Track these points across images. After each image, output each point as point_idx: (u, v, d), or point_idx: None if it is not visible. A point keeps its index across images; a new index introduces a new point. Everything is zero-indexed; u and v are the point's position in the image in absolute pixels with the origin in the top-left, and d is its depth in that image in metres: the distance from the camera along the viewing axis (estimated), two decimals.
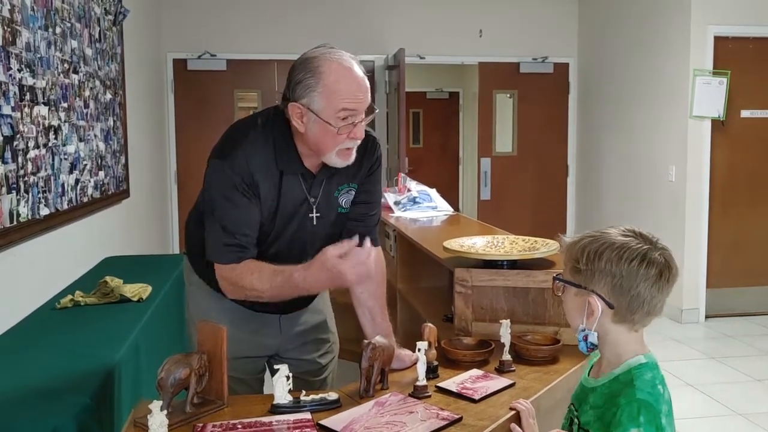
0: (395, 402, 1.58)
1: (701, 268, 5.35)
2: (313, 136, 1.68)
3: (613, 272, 1.30)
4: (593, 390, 1.38)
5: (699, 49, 5.19)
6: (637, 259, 1.30)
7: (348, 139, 1.68)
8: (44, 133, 2.74)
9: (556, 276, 1.43)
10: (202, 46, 6.21)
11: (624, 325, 1.34)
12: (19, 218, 2.46)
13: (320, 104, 1.64)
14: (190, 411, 1.52)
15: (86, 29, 3.38)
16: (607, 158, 6.50)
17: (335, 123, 1.64)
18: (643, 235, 1.36)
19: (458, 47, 6.74)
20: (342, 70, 1.64)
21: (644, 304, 1.32)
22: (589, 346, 1.37)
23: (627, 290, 1.30)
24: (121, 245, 4.23)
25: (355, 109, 1.65)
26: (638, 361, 1.34)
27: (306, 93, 1.64)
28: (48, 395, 1.73)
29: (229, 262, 1.71)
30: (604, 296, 1.32)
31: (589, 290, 1.33)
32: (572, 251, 1.37)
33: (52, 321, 2.50)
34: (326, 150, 1.69)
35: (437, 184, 6.29)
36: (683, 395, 3.90)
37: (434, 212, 3.73)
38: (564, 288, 1.40)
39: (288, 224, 1.78)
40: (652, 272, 1.30)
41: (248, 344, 1.92)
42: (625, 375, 1.33)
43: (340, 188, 1.83)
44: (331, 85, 1.62)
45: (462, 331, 2.10)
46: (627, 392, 1.29)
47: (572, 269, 1.37)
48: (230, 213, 1.70)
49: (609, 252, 1.31)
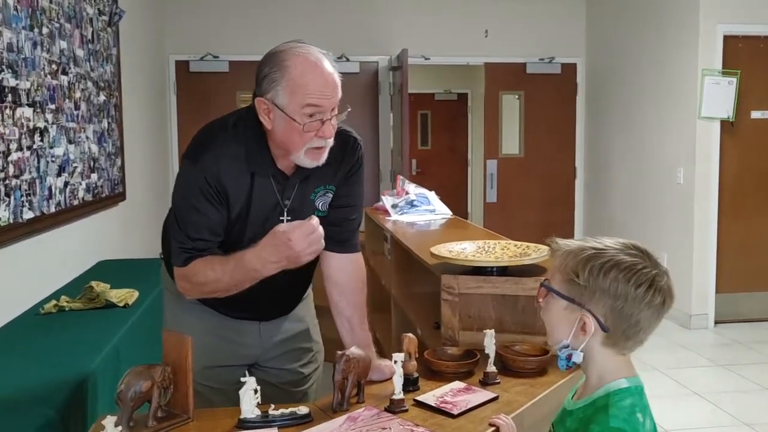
0: (368, 417, 1.50)
1: (710, 273, 5.23)
2: (279, 133, 1.61)
3: (617, 294, 1.18)
4: (570, 413, 1.28)
5: (708, 49, 5.07)
6: (645, 284, 1.18)
7: (316, 138, 1.60)
8: (28, 135, 2.69)
9: (544, 284, 1.31)
10: (204, 48, 6.17)
11: (613, 349, 1.23)
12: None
13: (285, 99, 1.57)
14: (152, 425, 1.45)
15: (77, 30, 3.33)
16: (615, 160, 6.39)
17: (300, 119, 1.57)
18: (648, 254, 1.23)
19: (463, 48, 6.65)
20: (308, 64, 1.57)
21: (641, 332, 1.21)
22: (570, 365, 1.26)
23: (628, 316, 1.19)
24: (118, 249, 4.18)
25: (321, 105, 1.57)
26: (619, 385, 1.23)
27: (271, 87, 1.57)
28: (10, 407, 1.67)
29: (183, 263, 1.66)
30: (600, 318, 1.20)
31: (585, 308, 1.21)
32: (571, 262, 1.24)
33: (33, 327, 2.44)
34: (293, 148, 1.61)
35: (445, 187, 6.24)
36: (689, 404, 3.80)
37: (432, 216, 3.65)
38: (550, 297, 1.29)
39: (261, 229, 1.70)
40: (657, 300, 1.19)
41: (226, 352, 1.86)
42: (602, 399, 1.22)
43: (317, 190, 1.76)
44: (296, 79, 1.55)
45: (449, 341, 2.02)
46: (600, 419, 1.18)
47: (568, 281, 1.24)
48: (192, 217, 1.64)
49: (616, 272, 1.19)
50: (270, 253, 1.57)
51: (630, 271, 1.19)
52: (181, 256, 1.66)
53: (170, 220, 1.71)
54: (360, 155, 1.83)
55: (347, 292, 1.83)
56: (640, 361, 4.46)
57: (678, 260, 5.31)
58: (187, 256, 1.65)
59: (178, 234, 1.67)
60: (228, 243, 1.70)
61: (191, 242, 1.65)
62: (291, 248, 1.55)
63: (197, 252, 1.65)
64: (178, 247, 1.66)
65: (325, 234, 1.79)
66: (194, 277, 1.66)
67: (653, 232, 5.69)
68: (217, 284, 1.65)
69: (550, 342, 1.33)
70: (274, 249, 1.56)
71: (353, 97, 6.47)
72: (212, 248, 1.67)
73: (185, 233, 1.65)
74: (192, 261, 1.65)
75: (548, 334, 1.32)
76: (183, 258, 1.66)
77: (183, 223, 1.66)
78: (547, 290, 1.29)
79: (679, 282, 5.35)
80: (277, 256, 1.57)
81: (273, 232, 1.57)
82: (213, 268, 1.63)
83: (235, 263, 1.61)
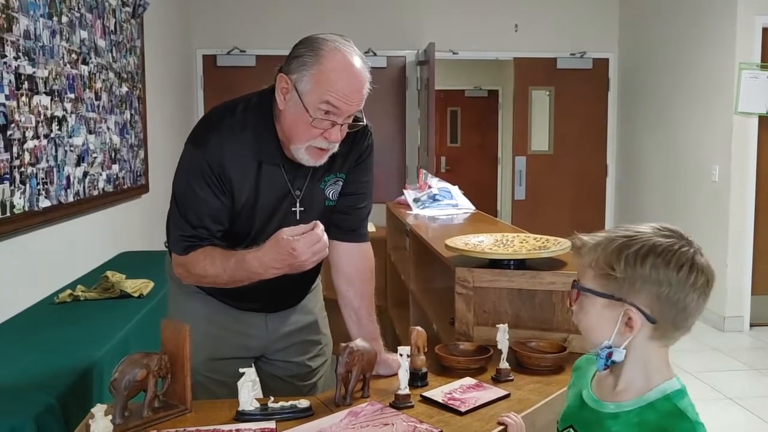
0: (371, 412, 1.43)
1: (746, 274, 5.04)
2: (288, 117, 1.55)
3: (660, 280, 1.08)
4: (615, 417, 1.15)
5: (746, 41, 4.88)
6: (686, 265, 1.09)
7: (321, 138, 1.53)
8: (46, 123, 2.68)
9: (577, 284, 1.18)
10: (231, 42, 6.17)
11: (660, 341, 1.13)
12: (14, 210, 2.40)
13: (307, 86, 1.50)
14: (147, 415, 1.41)
15: (99, 20, 3.33)
16: (648, 157, 6.21)
17: (314, 112, 1.50)
18: (681, 234, 1.14)
19: (492, 42, 6.54)
20: (344, 63, 1.50)
21: (689, 319, 1.11)
22: (608, 364, 1.15)
23: (675, 302, 1.09)
24: (140, 240, 4.19)
25: (339, 108, 1.51)
26: (673, 386, 1.13)
27: (298, 69, 1.51)
28: (12, 393, 1.65)
29: (183, 252, 1.60)
30: (646, 309, 1.10)
31: (627, 302, 1.10)
32: (603, 255, 1.13)
33: (47, 316, 2.44)
34: (296, 139, 1.55)
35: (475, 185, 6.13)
36: (722, 409, 3.65)
37: (454, 210, 3.56)
38: (583, 298, 1.17)
39: (269, 219, 1.65)
40: (701, 281, 1.10)
41: (232, 344, 1.80)
42: (663, 402, 1.11)
43: (327, 179, 1.70)
44: (326, 72, 1.49)
45: (463, 336, 1.94)
46: (683, 427, 1.08)
47: (602, 276, 1.13)
48: (193, 203, 1.59)
49: (653, 257, 1.09)
50: (272, 260, 1.52)
51: (668, 253, 1.09)
52: (181, 244, 1.61)
53: (171, 207, 1.66)
54: (370, 142, 1.76)
55: (355, 282, 1.77)
56: (673, 364, 4.31)
57: (712, 260, 5.08)
58: (187, 245, 1.60)
59: (178, 221, 1.61)
60: (235, 233, 1.65)
61: (192, 230, 1.59)
62: (295, 258, 1.49)
63: (198, 241, 1.60)
64: (179, 235, 1.61)
65: (333, 222, 1.74)
66: (193, 268, 1.61)
67: (686, 230, 5.43)
68: (216, 279, 1.61)
69: (589, 347, 1.21)
70: (276, 256, 1.51)
71: (380, 93, 6.38)
72: (214, 238, 1.61)
73: (186, 220, 1.60)
74: (192, 251, 1.60)
75: (586, 338, 1.19)
76: (183, 246, 1.61)
77: (183, 209, 1.60)
78: (579, 291, 1.17)
79: (714, 283, 5.18)
80: (279, 263, 1.52)
81: (277, 238, 1.50)
82: (213, 263, 1.58)
83: (237, 262, 1.56)
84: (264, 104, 1.62)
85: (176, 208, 1.62)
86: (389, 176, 6.31)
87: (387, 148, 6.38)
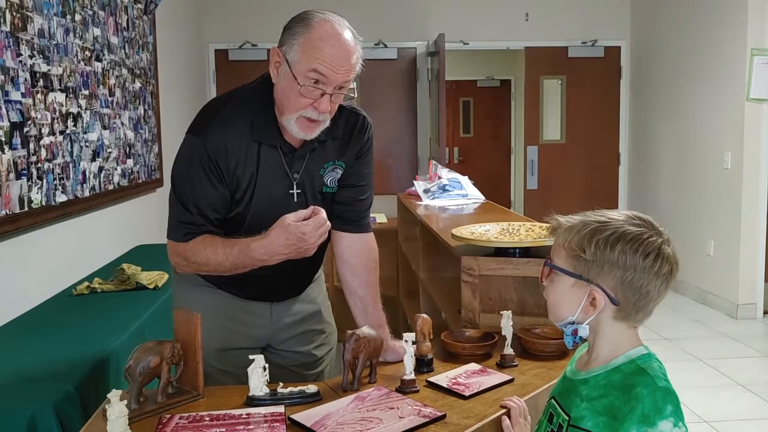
0: (377, 397, 1.48)
1: (759, 260, 5.03)
2: (280, 89, 1.60)
3: (626, 266, 1.16)
4: (585, 381, 1.24)
5: (757, 27, 4.86)
6: (653, 254, 1.16)
7: (311, 108, 1.57)
8: (61, 119, 2.74)
9: (549, 262, 1.27)
10: (242, 37, 6.22)
11: (624, 322, 1.21)
12: (32, 204, 2.47)
13: (296, 56, 1.55)
14: (161, 401, 1.46)
15: (111, 17, 3.38)
16: (660, 146, 6.20)
17: (302, 80, 1.54)
18: (651, 223, 1.21)
19: (503, 32, 6.54)
20: (331, 32, 1.55)
21: (650, 303, 1.19)
22: (576, 341, 1.24)
23: (638, 287, 1.17)
24: (156, 234, 4.26)
25: (327, 76, 1.54)
26: (639, 352, 1.21)
27: (288, 39, 1.56)
28: (32, 382, 1.70)
29: (181, 240, 1.64)
30: (610, 291, 1.18)
31: (593, 283, 1.19)
32: (576, 237, 1.22)
33: (64, 307, 2.50)
34: (287, 109, 1.59)
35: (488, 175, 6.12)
36: (733, 396, 3.67)
37: (464, 200, 3.59)
38: (554, 275, 1.26)
39: (267, 202, 1.67)
40: (665, 269, 1.17)
41: (238, 335, 1.83)
42: (627, 365, 1.19)
43: (326, 165, 1.73)
44: (313, 41, 1.53)
45: (469, 323, 1.98)
46: (644, 381, 1.14)
47: (573, 257, 1.21)
48: (192, 191, 1.62)
49: (622, 243, 1.17)
50: (281, 246, 1.56)
51: (636, 241, 1.16)
52: (180, 230, 1.64)
53: (170, 195, 1.69)
54: (370, 136, 1.79)
55: (360, 271, 1.80)
56: (684, 351, 4.34)
57: (725, 247, 5.13)
58: (186, 231, 1.63)
59: (177, 208, 1.64)
60: (232, 219, 1.68)
61: (190, 216, 1.62)
62: (305, 241, 1.54)
63: (197, 228, 1.63)
64: (177, 222, 1.64)
65: (336, 213, 1.78)
66: (193, 257, 1.64)
67: (699, 218, 5.50)
68: (218, 267, 1.64)
69: (553, 320, 1.29)
70: (285, 242, 1.54)
71: (391, 84, 6.44)
72: (211, 225, 1.65)
73: (184, 207, 1.62)
74: (191, 238, 1.63)
75: (551, 313, 1.29)
76: (182, 233, 1.63)
77: (182, 196, 1.63)
78: (551, 269, 1.25)
79: (726, 270, 5.18)
80: (288, 248, 1.56)
81: (284, 225, 1.54)
82: (215, 252, 1.61)
83: (240, 250, 1.59)
84: (265, 88, 1.65)
85: (175, 195, 1.65)
86: (401, 168, 6.34)
87: (399, 140, 6.41)
